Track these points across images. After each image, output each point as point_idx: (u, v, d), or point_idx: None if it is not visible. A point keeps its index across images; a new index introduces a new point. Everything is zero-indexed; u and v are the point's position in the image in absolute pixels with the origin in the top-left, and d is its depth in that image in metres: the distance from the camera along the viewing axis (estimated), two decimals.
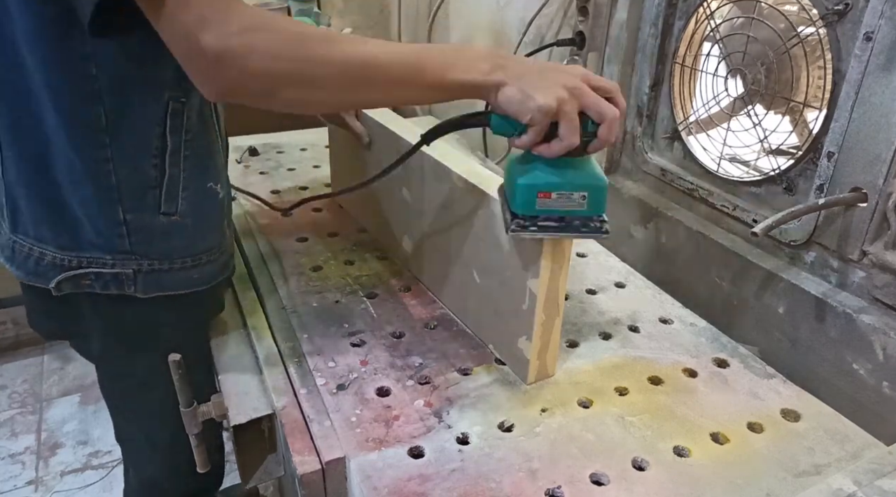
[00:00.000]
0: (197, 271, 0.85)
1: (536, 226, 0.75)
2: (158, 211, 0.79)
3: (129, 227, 0.78)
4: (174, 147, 0.77)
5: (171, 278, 0.83)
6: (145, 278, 0.82)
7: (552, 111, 0.66)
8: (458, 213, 0.92)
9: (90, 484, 1.77)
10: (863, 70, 0.86)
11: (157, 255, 0.81)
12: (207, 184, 0.83)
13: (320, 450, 0.75)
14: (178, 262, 0.83)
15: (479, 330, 0.95)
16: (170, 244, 0.82)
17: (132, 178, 0.76)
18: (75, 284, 0.81)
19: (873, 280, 0.91)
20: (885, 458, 0.70)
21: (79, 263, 0.80)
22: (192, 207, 0.81)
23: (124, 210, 0.77)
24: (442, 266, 1.00)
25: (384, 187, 1.11)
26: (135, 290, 0.82)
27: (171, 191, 0.79)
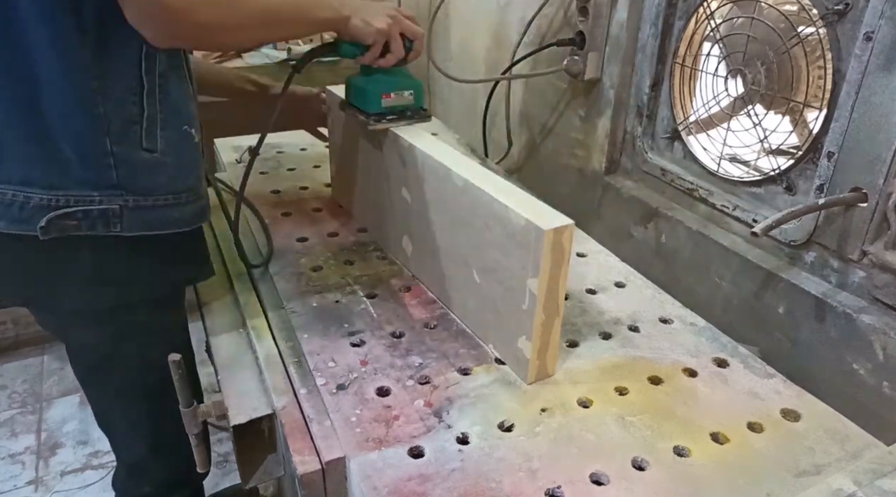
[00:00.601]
0: (177, 210, 0.90)
1: (385, 119, 1.03)
2: (141, 146, 0.84)
3: (115, 158, 0.83)
4: (150, 87, 0.83)
5: (154, 216, 0.87)
6: (130, 214, 0.85)
7: (386, 33, 0.95)
8: (458, 212, 0.92)
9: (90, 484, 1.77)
10: (863, 70, 0.86)
11: (141, 190, 0.86)
12: (182, 127, 0.89)
13: (320, 450, 0.75)
14: (161, 199, 0.88)
15: (479, 330, 0.95)
16: (153, 180, 0.86)
17: (117, 112, 0.82)
18: (61, 227, 0.83)
19: (873, 280, 0.91)
20: (885, 458, 0.70)
21: (66, 202, 0.82)
22: (170, 147, 0.87)
23: (112, 142, 0.82)
24: (442, 266, 1.00)
25: (384, 187, 1.11)
26: (120, 228, 0.85)
27: (150, 128, 0.84)
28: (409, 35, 0.98)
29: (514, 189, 0.85)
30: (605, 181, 1.40)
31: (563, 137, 1.53)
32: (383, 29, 0.94)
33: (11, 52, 0.77)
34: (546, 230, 0.76)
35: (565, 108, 1.51)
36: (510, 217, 0.81)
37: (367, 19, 0.93)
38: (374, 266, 1.12)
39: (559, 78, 1.48)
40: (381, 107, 1.02)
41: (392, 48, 0.97)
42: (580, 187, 1.50)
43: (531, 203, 0.82)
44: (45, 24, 0.76)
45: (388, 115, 1.03)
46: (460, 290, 0.97)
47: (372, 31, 0.94)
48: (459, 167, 0.91)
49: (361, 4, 0.94)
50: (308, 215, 1.28)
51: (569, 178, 1.53)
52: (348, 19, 0.92)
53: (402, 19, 0.96)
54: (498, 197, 0.83)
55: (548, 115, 1.58)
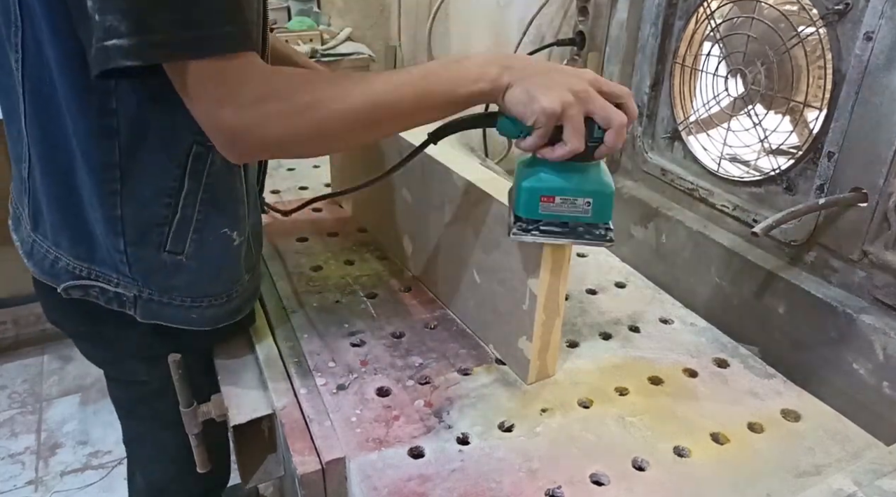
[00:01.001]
0: (196, 312, 0.83)
1: (539, 230, 0.75)
2: (163, 249, 0.78)
3: (129, 258, 0.78)
4: (190, 189, 0.75)
5: (169, 312, 0.82)
6: (144, 305, 0.82)
7: (556, 114, 0.66)
8: (459, 213, 0.92)
9: (90, 484, 1.77)
10: (863, 70, 0.86)
11: (156, 288, 0.81)
12: (222, 230, 0.80)
13: (320, 450, 0.75)
14: (178, 299, 0.82)
15: (479, 330, 0.95)
16: (170, 282, 0.80)
17: (138, 215, 0.75)
18: (84, 292, 0.82)
19: (873, 280, 0.91)
20: (885, 458, 0.70)
21: (88, 274, 0.80)
22: (200, 250, 0.79)
23: (126, 242, 0.77)
24: (442, 266, 1.00)
25: (384, 187, 1.11)
26: (134, 312, 0.82)
27: (180, 231, 0.77)
28: (601, 121, 0.68)
29: None
30: None
31: None
32: (552, 108, 0.66)
33: (51, 126, 0.73)
34: None
35: None
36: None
37: (533, 91, 0.66)
38: (374, 266, 1.12)
39: None
40: (536, 212, 0.74)
41: (565, 136, 0.68)
42: None
43: None
44: (74, 113, 0.70)
45: (545, 226, 0.75)
46: (460, 290, 0.97)
47: (536, 110, 0.66)
48: (459, 167, 0.91)
49: (540, 68, 0.69)
50: (308, 215, 1.28)
51: None
52: (507, 88, 0.68)
53: (592, 97, 0.67)
54: (498, 197, 0.83)
55: None
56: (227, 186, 0.79)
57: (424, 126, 0.75)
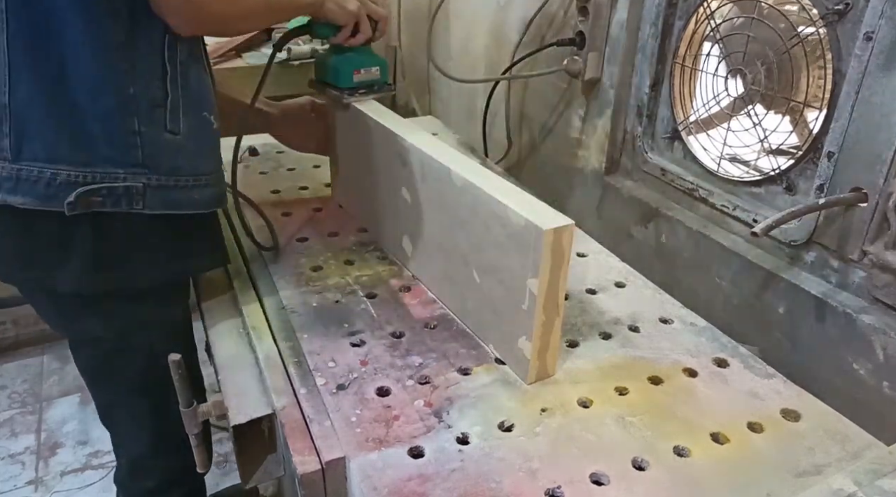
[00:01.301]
0: (197, 192, 0.92)
1: (358, 93, 1.13)
2: (165, 128, 0.87)
3: (142, 138, 0.85)
4: (172, 74, 0.87)
5: (175, 195, 0.90)
6: (153, 193, 0.88)
7: (356, 15, 1.05)
8: (458, 212, 0.92)
9: (90, 484, 1.77)
10: (863, 70, 0.86)
11: (164, 170, 0.88)
12: (202, 113, 0.93)
13: (320, 450, 0.75)
14: (182, 179, 0.90)
15: (479, 330, 0.95)
16: (176, 161, 0.89)
17: (145, 94, 0.85)
18: (87, 203, 0.84)
19: (873, 280, 0.91)
20: (885, 458, 0.70)
21: (93, 178, 0.84)
22: (191, 131, 0.90)
23: (139, 122, 0.85)
24: (442, 266, 1.00)
25: (384, 187, 1.11)
26: (143, 205, 0.87)
27: (174, 111, 0.88)
28: (375, 17, 1.10)
29: (514, 189, 0.85)
30: (605, 181, 1.40)
31: (563, 137, 1.53)
32: (354, 11, 1.05)
33: (39, 31, 0.79)
34: (545, 230, 0.76)
35: (565, 108, 1.51)
36: (510, 217, 0.81)
37: (339, 3, 1.04)
38: (374, 266, 1.12)
39: (559, 78, 1.48)
40: (352, 82, 1.13)
41: (361, 29, 1.07)
42: (580, 187, 1.50)
43: (531, 203, 0.82)
44: (78, 6, 0.79)
45: (360, 89, 1.14)
46: (460, 289, 0.97)
47: (344, 13, 1.04)
48: (459, 167, 0.91)
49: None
50: (308, 215, 1.28)
51: (569, 178, 1.53)
52: (323, 3, 1.02)
53: (368, 2, 1.08)
54: (498, 197, 0.83)
55: (548, 115, 1.58)
56: (197, 75, 0.92)
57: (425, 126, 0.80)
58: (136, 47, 0.83)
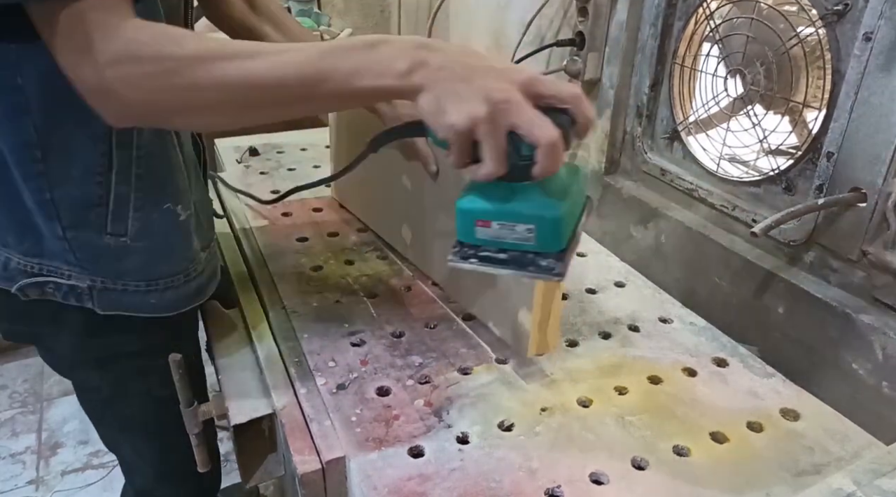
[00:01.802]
0: (154, 296, 0.80)
1: (477, 256, 0.64)
2: (104, 231, 0.74)
3: (70, 244, 0.74)
4: (121, 165, 0.71)
5: (127, 299, 0.79)
6: (100, 295, 0.78)
7: (466, 131, 0.54)
8: (457, 194, 0.91)
9: (90, 484, 1.78)
10: (862, 70, 0.86)
11: (107, 274, 0.77)
12: (164, 205, 0.77)
13: (320, 449, 0.75)
14: (132, 284, 0.78)
15: (477, 309, 0.95)
16: (120, 266, 0.77)
17: (70, 196, 0.71)
18: (40, 291, 0.78)
19: (873, 280, 0.91)
20: (884, 458, 0.70)
21: (40, 270, 0.77)
22: (144, 230, 0.76)
23: (63, 227, 0.73)
24: (440, 248, 0.99)
25: (383, 175, 1.10)
26: (92, 304, 0.78)
27: (118, 211, 0.74)
28: (528, 136, 0.54)
29: None
30: (605, 181, 1.40)
31: None
32: (460, 125, 0.53)
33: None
34: None
35: None
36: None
37: (443, 101, 0.54)
38: (374, 266, 1.12)
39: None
40: (473, 237, 0.64)
41: (482, 155, 0.55)
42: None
43: None
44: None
45: (484, 251, 0.64)
46: (459, 270, 0.97)
47: (444, 126, 0.55)
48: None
49: (463, 66, 0.55)
50: (308, 215, 1.28)
51: None
52: (417, 92, 0.55)
53: (515, 108, 0.53)
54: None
55: None
56: (162, 157, 0.75)
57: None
58: (56, 144, 0.68)
